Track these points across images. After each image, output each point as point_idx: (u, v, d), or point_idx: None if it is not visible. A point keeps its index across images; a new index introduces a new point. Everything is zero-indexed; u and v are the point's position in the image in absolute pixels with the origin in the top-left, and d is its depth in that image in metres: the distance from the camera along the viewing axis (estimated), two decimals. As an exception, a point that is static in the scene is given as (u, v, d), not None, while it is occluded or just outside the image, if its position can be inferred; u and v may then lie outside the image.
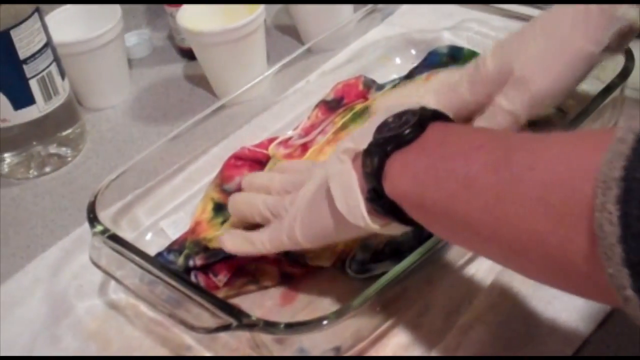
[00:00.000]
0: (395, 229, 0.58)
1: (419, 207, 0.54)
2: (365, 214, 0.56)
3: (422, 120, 0.55)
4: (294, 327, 0.58)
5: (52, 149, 0.89)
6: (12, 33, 0.81)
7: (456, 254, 0.67)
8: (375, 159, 0.55)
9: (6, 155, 0.88)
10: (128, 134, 0.94)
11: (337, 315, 0.58)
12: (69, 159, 0.90)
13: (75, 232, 0.80)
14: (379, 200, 0.55)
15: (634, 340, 0.61)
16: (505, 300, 0.64)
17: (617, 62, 0.75)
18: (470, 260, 0.68)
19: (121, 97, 0.99)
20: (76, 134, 0.91)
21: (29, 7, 0.82)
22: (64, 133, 0.90)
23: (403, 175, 0.54)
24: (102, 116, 0.97)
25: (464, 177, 0.49)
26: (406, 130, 0.54)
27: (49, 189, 0.87)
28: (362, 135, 0.58)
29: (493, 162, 0.48)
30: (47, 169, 0.89)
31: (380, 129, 0.56)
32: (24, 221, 0.84)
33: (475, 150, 0.50)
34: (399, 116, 0.56)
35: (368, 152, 0.56)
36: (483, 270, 0.67)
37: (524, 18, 0.84)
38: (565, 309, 0.63)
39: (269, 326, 0.58)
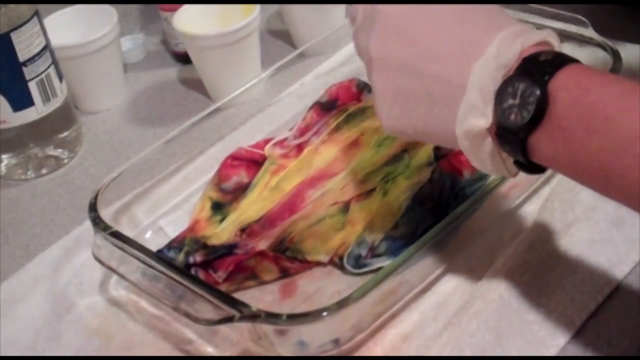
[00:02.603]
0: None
1: (569, 171, 0.54)
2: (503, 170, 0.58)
3: (544, 88, 0.52)
4: (295, 318, 0.60)
5: (49, 151, 0.90)
6: (12, 35, 0.82)
7: (451, 249, 0.69)
8: (514, 148, 0.54)
9: (4, 156, 0.89)
10: (124, 136, 0.95)
11: (338, 306, 0.59)
12: (66, 160, 0.92)
13: (75, 231, 0.81)
14: (521, 165, 0.57)
15: (624, 330, 0.63)
16: (500, 293, 0.66)
17: (606, 63, 0.77)
18: (465, 255, 0.70)
19: (117, 100, 1.00)
20: (73, 136, 0.92)
21: (29, 10, 0.83)
22: (61, 135, 0.91)
23: (547, 152, 0.53)
24: (98, 119, 0.98)
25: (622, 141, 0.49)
26: (531, 109, 0.52)
27: (46, 189, 0.88)
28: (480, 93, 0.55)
29: None
30: (44, 171, 0.90)
31: (500, 98, 0.54)
32: (23, 221, 0.85)
33: (627, 111, 0.49)
34: (512, 83, 0.53)
35: (502, 138, 0.55)
36: (478, 265, 0.69)
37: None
38: (561, 301, 0.65)
39: (270, 317, 0.59)
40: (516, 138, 0.54)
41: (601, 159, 0.50)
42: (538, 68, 0.53)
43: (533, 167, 0.56)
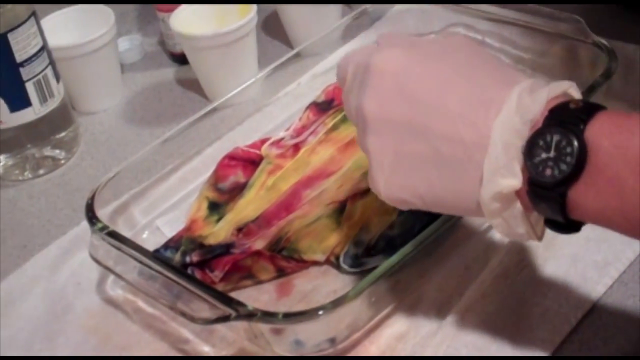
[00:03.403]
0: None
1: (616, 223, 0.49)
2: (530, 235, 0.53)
3: (581, 137, 0.48)
4: (291, 317, 0.60)
5: (47, 152, 0.91)
6: (10, 36, 0.82)
7: (447, 248, 0.69)
8: (552, 206, 0.50)
9: (1, 157, 0.89)
10: (121, 136, 0.95)
11: (334, 305, 0.59)
12: (63, 161, 0.92)
13: (72, 231, 0.81)
14: (554, 225, 0.52)
15: (619, 328, 0.63)
16: (496, 292, 0.66)
17: (601, 63, 0.77)
18: (461, 254, 0.70)
19: (114, 101, 1.00)
20: (70, 136, 0.92)
21: (26, 11, 0.84)
22: (58, 136, 0.91)
23: (593, 205, 0.49)
24: (95, 119, 0.98)
25: None
26: (570, 162, 0.48)
27: (44, 190, 0.89)
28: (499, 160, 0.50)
29: None
30: (42, 171, 0.90)
31: (530, 152, 0.50)
32: (20, 221, 0.85)
33: None
34: (543, 136, 0.49)
35: (535, 196, 0.50)
36: (474, 264, 0.69)
37: (512, 22, 0.86)
38: (557, 299, 0.65)
39: (267, 316, 0.59)
40: (554, 194, 0.49)
41: None
42: (571, 117, 0.49)
43: (569, 226, 0.51)
